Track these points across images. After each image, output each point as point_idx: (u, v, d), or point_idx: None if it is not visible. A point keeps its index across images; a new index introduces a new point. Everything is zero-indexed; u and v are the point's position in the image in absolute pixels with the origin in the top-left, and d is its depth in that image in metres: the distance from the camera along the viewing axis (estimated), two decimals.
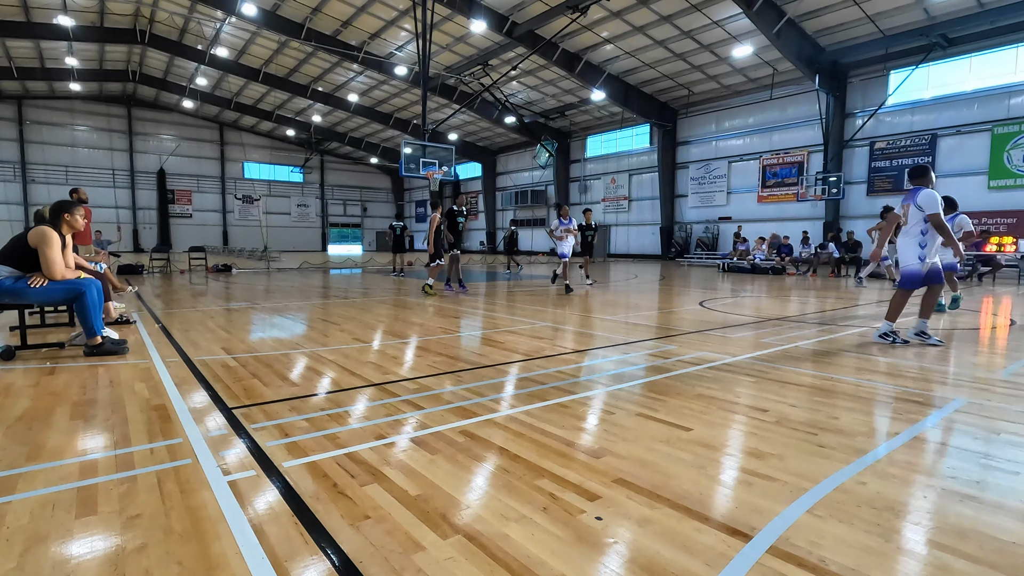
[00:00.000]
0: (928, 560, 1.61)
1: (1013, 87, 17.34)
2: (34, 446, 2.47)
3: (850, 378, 3.82)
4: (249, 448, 2.45)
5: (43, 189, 33.42)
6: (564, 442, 2.56)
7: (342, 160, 46.16)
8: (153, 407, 3.06)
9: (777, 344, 5.09)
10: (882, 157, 20.35)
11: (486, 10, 19.76)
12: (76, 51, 26.66)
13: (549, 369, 4.05)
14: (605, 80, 23.91)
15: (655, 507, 1.92)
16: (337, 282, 13.02)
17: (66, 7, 21.97)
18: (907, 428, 2.78)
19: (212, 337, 5.30)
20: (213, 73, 29.82)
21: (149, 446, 2.48)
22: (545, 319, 6.75)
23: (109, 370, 3.93)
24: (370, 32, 22.94)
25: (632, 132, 29.67)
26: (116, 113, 36.13)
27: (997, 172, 17.68)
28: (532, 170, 35.38)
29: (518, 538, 1.71)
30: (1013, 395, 3.40)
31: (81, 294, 4.31)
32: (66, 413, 2.95)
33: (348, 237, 46.82)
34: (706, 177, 26.32)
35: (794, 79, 21.67)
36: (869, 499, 1.99)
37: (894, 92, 19.41)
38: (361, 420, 2.88)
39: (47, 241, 4.24)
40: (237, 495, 1.99)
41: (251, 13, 20.96)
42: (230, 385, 3.53)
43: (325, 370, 4.00)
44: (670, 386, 3.58)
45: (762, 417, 2.94)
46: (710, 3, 17.83)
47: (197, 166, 39.52)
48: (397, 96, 30.52)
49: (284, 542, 1.68)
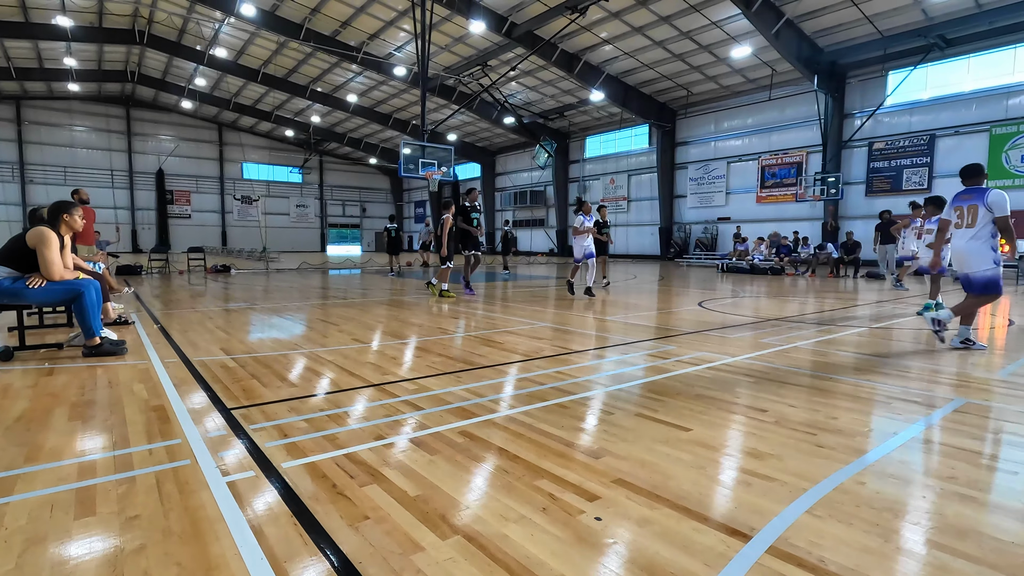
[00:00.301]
0: (927, 560, 1.61)
1: (1011, 87, 17.37)
2: (33, 447, 2.47)
3: (849, 378, 3.82)
4: (248, 449, 2.45)
5: (41, 190, 33.38)
6: (563, 442, 2.55)
7: (341, 160, 46.15)
8: (152, 408, 3.05)
9: (776, 344, 5.10)
10: (881, 157, 20.38)
11: (485, 10, 19.76)
12: (75, 51, 26.64)
13: (548, 370, 4.05)
14: (604, 81, 23.92)
15: (655, 507, 1.92)
16: (336, 283, 13.01)
17: (64, 7, 21.95)
18: (906, 428, 2.78)
19: (211, 338, 5.30)
20: (212, 73, 29.81)
21: (148, 447, 2.47)
22: (545, 319, 6.76)
23: (108, 371, 3.93)
24: (369, 33, 22.94)
25: (631, 133, 29.69)
26: (115, 114, 36.09)
27: (996, 172, 17.71)
28: (531, 171, 35.40)
29: (517, 539, 1.71)
30: (1012, 395, 3.41)
31: (79, 295, 4.30)
32: (64, 414, 2.94)
33: (347, 238, 46.79)
34: (705, 178, 26.33)
35: (793, 80, 21.69)
36: (868, 499, 1.99)
37: (892, 93, 19.44)
38: (360, 421, 2.88)
39: (45, 242, 4.23)
40: (236, 496, 1.99)
41: (250, 13, 20.95)
42: (229, 386, 3.52)
43: (324, 371, 4.00)
44: (669, 386, 3.58)
45: (761, 417, 2.94)
46: (709, 4, 17.85)
47: (196, 167, 39.49)
48: (396, 96, 30.53)
49: (283, 543, 1.68)
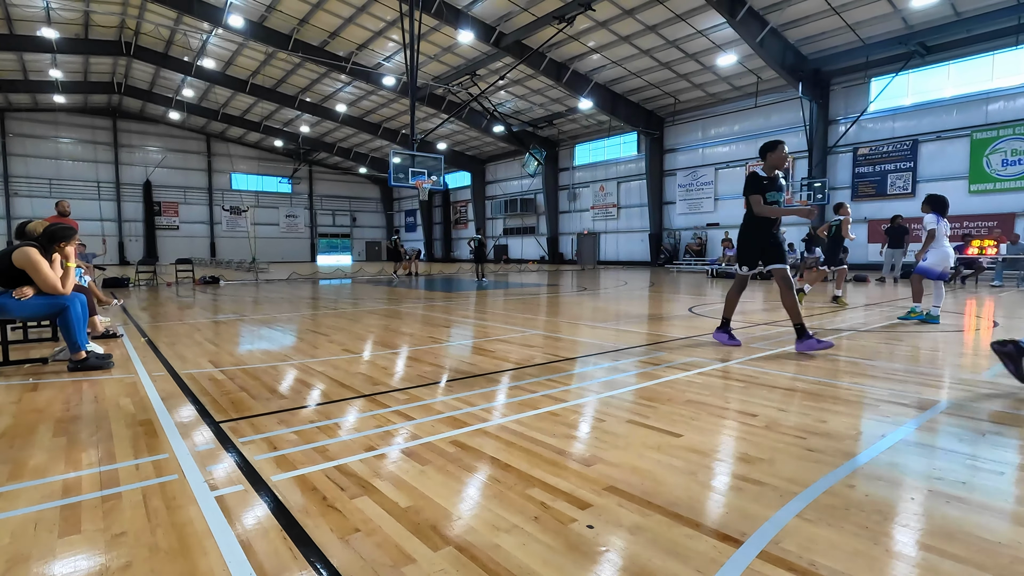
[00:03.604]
0: (917, 562, 1.62)
1: (990, 93, 17.74)
2: (16, 464, 2.42)
3: (837, 381, 3.85)
4: (237, 462, 2.42)
5: (26, 202, 33.03)
6: (555, 450, 2.55)
7: (331, 170, 46.09)
8: (139, 422, 3.01)
9: (766, 349, 5.13)
10: (865, 163, 20.70)
11: (473, 21, 19.91)
12: (60, 63, 26.47)
13: (540, 377, 4.05)
14: (592, 89, 24.14)
15: (646, 514, 1.93)
16: (326, 292, 12.95)
17: (50, 19, 21.84)
18: (894, 430, 2.81)
19: (199, 350, 5.25)
20: (200, 84, 29.73)
21: (135, 462, 2.44)
22: (536, 327, 6.76)
23: (94, 385, 3.87)
24: (358, 43, 23.01)
25: (620, 140, 29.94)
26: (101, 125, 35.85)
27: (977, 176, 18.03)
28: (521, 179, 35.55)
29: (510, 548, 1.70)
30: (996, 396, 3.45)
31: (65, 308, 4.25)
32: (49, 430, 2.90)
33: (337, 247, 46.63)
34: (693, 184, 26.58)
35: (778, 87, 22.02)
36: (858, 502, 2.01)
37: (875, 99, 19.78)
38: (351, 432, 2.86)
39: (36, 265, 4.17)
40: (224, 510, 1.97)
41: (238, 25, 20.97)
42: (217, 399, 3.49)
43: (314, 382, 3.97)
44: (660, 392, 3.59)
45: (752, 422, 2.96)
46: (694, 13, 18.11)
47: (184, 178, 39.27)
48: (385, 106, 30.60)
49: (272, 557, 1.66)
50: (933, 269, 6.85)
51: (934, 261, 6.82)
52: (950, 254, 6.86)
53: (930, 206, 6.91)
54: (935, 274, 6.87)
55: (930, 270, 6.86)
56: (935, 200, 6.88)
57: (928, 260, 6.85)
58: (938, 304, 6.88)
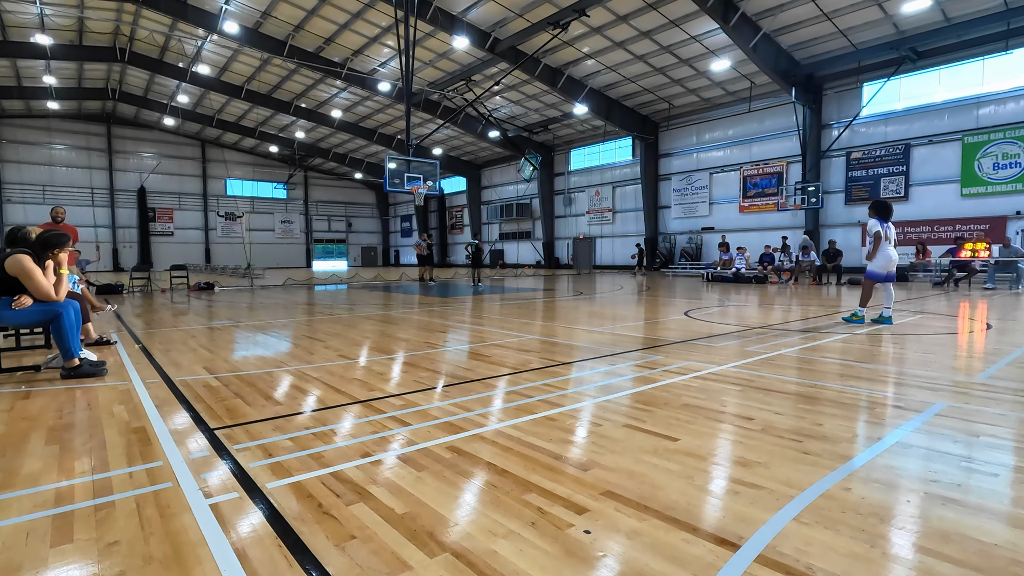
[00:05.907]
0: (913, 564, 1.62)
1: (981, 98, 17.91)
2: (8, 473, 2.40)
3: (833, 384, 3.86)
4: (232, 470, 2.40)
5: (19, 209, 32.86)
6: (552, 455, 2.55)
7: (326, 176, 46.06)
8: (132, 430, 2.99)
9: (761, 352, 5.14)
10: (858, 167, 20.84)
11: (468, 26, 19.98)
12: (54, 69, 26.40)
13: (536, 382, 4.04)
14: (587, 94, 24.24)
15: (643, 519, 1.92)
16: (322, 298, 12.91)
17: (44, 26, 21.80)
18: (889, 433, 2.81)
19: (194, 357, 5.22)
20: (195, 90, 29.70)
21: (128, 470, 2.42)
22: (532, 332, 6.76)
23: (87, 393, 3.84)
24: (353, 49, 23.06)
25: (615, 145, 30.06)
26: (95, 131, 35.75)
27: (969, 180, 18.18)
28: (517, 183, 35.61)
29: (506, 554, 1.70)
30: (991, 398, 3.47)
31: (57, 315, 4.22)
32: (42, 438, 2.87)
33: (333, 253, 46.42)
34: (688, 188, 26.69)
35: (771, 92, 22.17)
36: (854, 505, 2.01)
37: (868, 104, 19.94)
38: (347, 438, 2.85)
39: (29, 272, 4.14)
40: (219, 518, 1.95)
41: (233, 31, 20.97)
42: (212, 405, 3.47)
43: (310, 388, 3.95)
44: (657, 396, 3.59)
45: (748, 425, 2.96)
46: (688, 19, 18.23)
47: (178, 184, 39.16)
48: (381, 112, 30.63)
49: (267, 565, 1.65)
50: (879, 272, 7.11)
51: (879, 264, 7.08)
52: (893, 258, 7.11)
53: (875, 211, 7.10)
54: (881, 276, 7.13)
55: (876, 273, 7.13)
56: (879, 205, 7.10)
57: (874, 264, 7.12)
58: (888, 305, 7.12)
